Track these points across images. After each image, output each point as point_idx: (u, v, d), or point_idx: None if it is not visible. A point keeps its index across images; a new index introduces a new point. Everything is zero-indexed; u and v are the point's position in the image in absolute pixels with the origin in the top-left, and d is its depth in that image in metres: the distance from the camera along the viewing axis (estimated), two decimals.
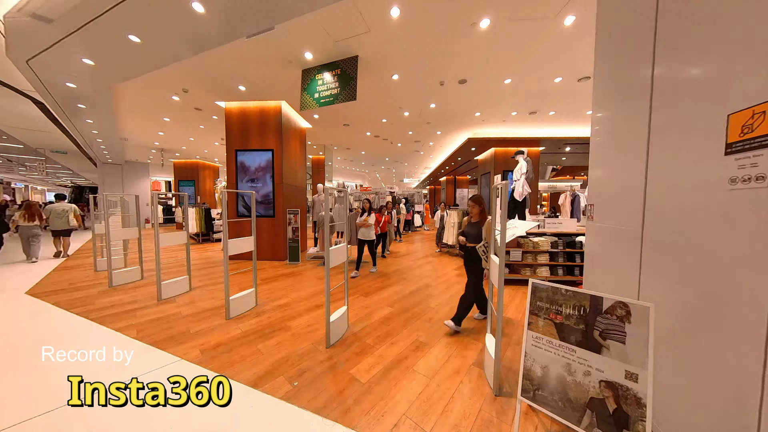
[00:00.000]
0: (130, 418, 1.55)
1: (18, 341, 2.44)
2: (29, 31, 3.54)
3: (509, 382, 1.93)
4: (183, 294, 3.67)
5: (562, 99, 5.46)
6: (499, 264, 1.72)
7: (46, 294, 3.66)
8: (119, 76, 4.59)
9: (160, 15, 3.09)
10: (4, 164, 15.05)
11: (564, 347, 1.44)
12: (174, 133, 8.44)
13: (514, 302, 3.53)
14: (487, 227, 2.47)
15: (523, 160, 5.13)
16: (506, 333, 2.68)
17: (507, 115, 6.48)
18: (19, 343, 2.41)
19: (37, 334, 2.56)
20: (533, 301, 1.59)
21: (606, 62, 1.81)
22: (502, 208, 1.70)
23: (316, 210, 6.87)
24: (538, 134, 7.89)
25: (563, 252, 4.28)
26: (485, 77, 4.56)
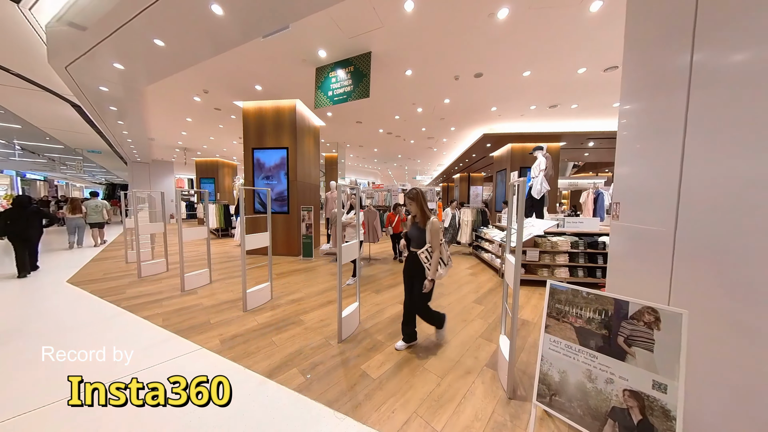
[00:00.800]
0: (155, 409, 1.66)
1: (61, 325, 2.67)
2: (67, 39, 3.81)
3: (524, 386, 1.87)
4: (204, 286, 3.86)
5: (586, 91, 5.16)
6: (515, 263, 1.66)
7: (84, 283, 3.98)
8: (146, 79, 4.84)
9: (182, 19, 3.21)
10: (48, 163, 16.45)
11: (584, 352, 1.38)
12: (196, 133, 8.83)
13: (530, 303, 3.41)
14: (433, 229, 2.06)
15: (541, 156, 4.91)
16: (521, 335, 2.60)
17: (525, 109, 6.22)
18: (61, 325, 2.64)
19: (75, 320, 2.79)
20: (551, 303, 1.53)
21: (637, 49, 1.68)
22: (519, 205, 1.64)
23: (328, 207, 6.96)
24: (559, 129, 7.52)
25: (584, 253, 4.08)
26: (502, 70, 4.39)
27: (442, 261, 2.11)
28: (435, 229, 2.06)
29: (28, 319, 2.81)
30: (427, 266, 2.05)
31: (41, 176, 21.10)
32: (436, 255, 2.04)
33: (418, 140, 9.37)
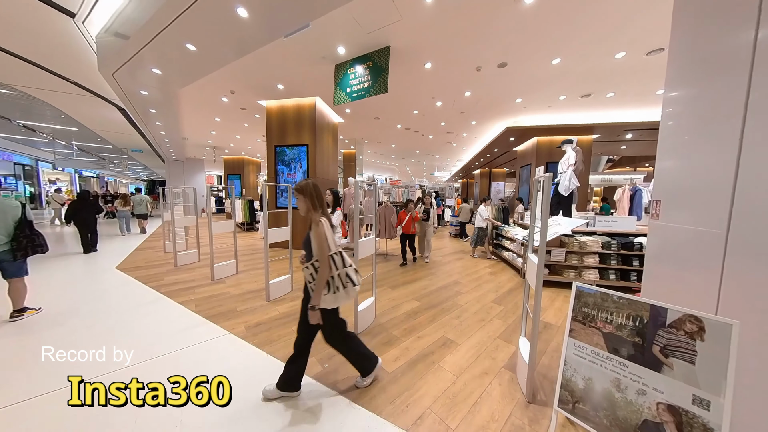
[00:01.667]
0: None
1: (114, 307, 3.01)
2: (113, 48, 4.19)
3: (544, 390, 1.80)
4: (231, 276, 4.12)
5: (625, 78, 4.71)
6: (538, 263, 1.58)
7: (130, 269, 4.42)
8: (180, 82, 5.19)
9: (210, 23, 3.39)
10: (99, 162, 18.38)
11: (613, 360, 1.29)
12: (224, 132, 9.35)
13: (554, 306, 3.25)
14: (317, 236, 1.48)
15: (571, 149, 4.59)
16: (543, 338, 2.48)
17: (554, 100, 5.82)
18: (115, 307, 2.97)
19: (126, 303, 3.13)
20: (577, 306, 1.44)
21: (687, 28, 1.50)
22: (544, 203, 1.55)
23: (346, 203, 7.07)
24: (592, 120, 6.96)
25: (617, 254, 3.78)
26: (529, 59, 4.13)
27: (333, 282, 1.50)
28: (320, 236, 1.46)
29: (85, 300, 3.19)
30: (311, 287, 1.51)
31: (94, 173, 23.68)
32: (323, 272, 1.45)
33: (437, 135, 9.16)
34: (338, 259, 1.54)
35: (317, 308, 1.49)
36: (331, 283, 1.51)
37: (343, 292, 1.54)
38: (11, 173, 15.30)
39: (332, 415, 1.56)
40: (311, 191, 1.57)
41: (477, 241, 5.78)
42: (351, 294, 1.58)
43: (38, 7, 3.56)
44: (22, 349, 2.16)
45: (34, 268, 3.01)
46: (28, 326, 2.50)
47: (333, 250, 1.51)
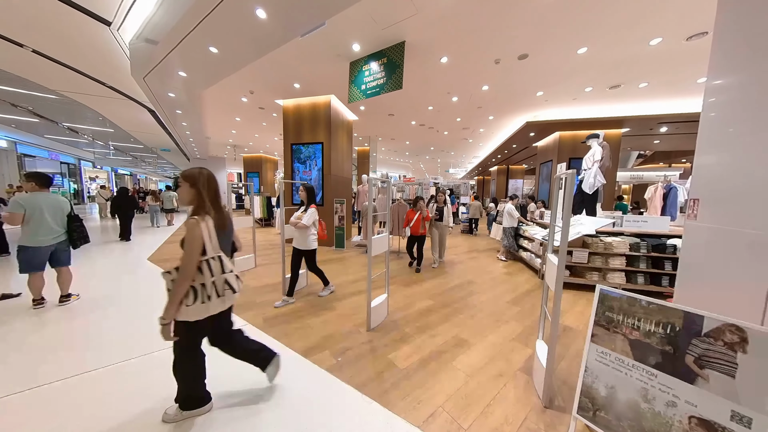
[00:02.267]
0: None
1: (147, 295, 3.25)
2: (144, 53, 4.46)
3: (562, 396, 1.73)
4: (250, 269, 4.31)
5: (660, 66, 4.34)
6: (558, 264, 1.51)
7: (159, 261, 4.74)
8: (203, 83, 5.44)
9: (231, 25, 3.51)
10: (132, 160, 19.78)
11: (640, 369, 1.22)
12: (243, 131, 9.72)
13: (575, 309, 3.10)
14: (193, 238, 1.26)
15: (597, 145, 4.32)
16: (562, 342, 2.39)
17: (579, 92, 5.50)
18: (144, 297, 3.21)
19: (157, 291, 3.37)
20: (600, 310, 1.37)
21: (735, 7, 1.36)
22: (566, 201, 1.48)
23: (360, 200, 7.12)
24: (621, 113, 6.50)
25: (647, 257, 3.53)
26: (552, 49, 3.91)
27: (205, 291, 1.29)
28: (194, 238, 1.25)
29: (121, 289, 3.47)
30: (169, 294, 1.27)
31: (128, 171, 25.55)
32: (181, 280, 1.24)
33: (453, 131, 8.97)
34: (216, 264, 1.32)
35: (168, 321, 1.26)
36: (201, 291, 1.29)
37: (218, 300, 1.34)
38: (58, 171, 16.87)
39: (345, 407, 1.60)
40: (204, 182, 1.35)
41: (507, 242, 5.32)
42: (228, 301, 1.39)
43: (80, 18, 3.86)
44: (78, 328, 2.42)
45: (75, 258, 3.29)
46: (75, 310, 2.77)
47: (210, 254, 1.30)
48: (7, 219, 2.52)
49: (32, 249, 2.60)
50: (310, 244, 2.97)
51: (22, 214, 2.51)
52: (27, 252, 2.60)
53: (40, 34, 4.25)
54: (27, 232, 2.59)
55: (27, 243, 2.59)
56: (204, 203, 1.34)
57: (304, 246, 2.96)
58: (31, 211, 2.55)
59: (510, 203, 5.50)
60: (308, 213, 2.90)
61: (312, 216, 2.92)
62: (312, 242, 2.99)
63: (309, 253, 3.02)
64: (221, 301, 1.37)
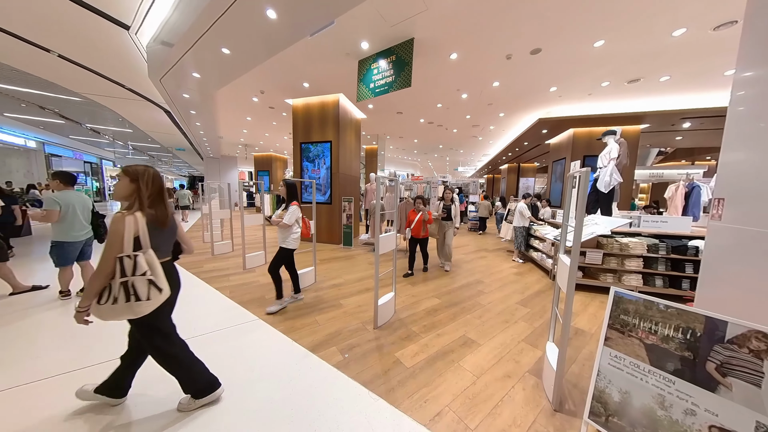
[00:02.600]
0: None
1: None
2: (160, 55, 4.61)
3: (573, 400, 1.69)
4: (260, 266, 4.41)
5: (684, 58, 4.12)
6: (570, 265, 1.47)
7: None
8: (216, 84, 5.58)
9: (243, 26, 3.57)
10: (150, 160, 20.56)
11: (657, 374, 1.17)
12: (254, 130, 9.91)
13: (587, 311, 3.02)
14: (114, 232, 1.20)
15: (613, 142, 4.16)
16: (574, 345, 2.33)
17: (594, 87, 5.30)
18: None
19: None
20: (615, 313, 1.33)
21: None
22: (580, 200, 1.43)
23: (368, 198, 7.15)
24: (640, 108, 6.22)
25: (665, 258, 3.39)
26: (567, 42, 3.78)
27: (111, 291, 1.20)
28: (115, 232, 1.19)
29: None
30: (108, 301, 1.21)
31: None
32: (96, 274, 1.19)
33: (462, 129, 8.84)
34: (129, 263, 1.20)
35: (82, 311, 1.22)
36: (106, 291, 1.20)
37: (124, 305, 1.20)
38: (82, 170, 17.73)
39: (352, 403, 1.62)
40: (148, 179, 1.32)
41: (519, 243, 5.19)
42: (136, 309, 1.22)
43: (101, 23, 4.02)
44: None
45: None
46: None
47: (127, 251, 1.20)
48: (46, 216, 2.63)
49: (68, 244, 2.74)
50: (289, 243, 2.79)
51: (59, 210, 2.64)
52: (63, 247, 2.73)
53: (65, 39, 4.46)
54: (63, 228, 2.70)
55: (64, 238, 2.72)
56: (141, 200, 1.29)
57: (284, 244, 2.80)
58: (66, 208, 2.68)
59: (522, 202, 5.37)
60: (289, 211, 2.73)
61: (293, 214, 2.74)
62: (292, 241, 2.80)
63: (287, 251, 2.83)
64: (129, 308, 1.21)
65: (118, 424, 1.43)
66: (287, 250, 2.82)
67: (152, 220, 1.31)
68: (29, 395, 1.60)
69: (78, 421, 1.43)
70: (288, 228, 2.77)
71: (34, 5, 3.65)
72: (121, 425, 1.43)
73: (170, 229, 1.45)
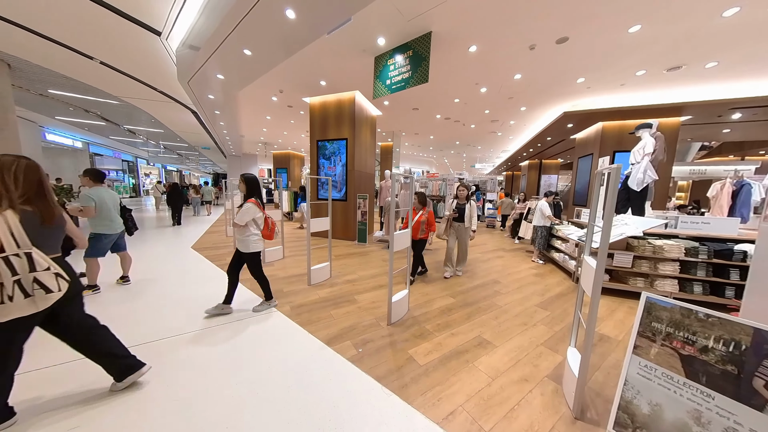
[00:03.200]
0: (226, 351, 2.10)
1: (193, 279, 3.62)
2: (188, 59, 4.86)
3: (596, 409, 1.61)
4: (278, 260, 4.57)
5: (735, 41, 3.70)
6: (596, 268, 1.39)
7: (201, 249, 5.24)
8: (238, 84, 5.81)
9: (263, 28, 3.68)
10: (178, 158, 21.89)
11: (693, 388, 1.09)
12: (273, 129, 10.23)
13: (614, 317, 2.84)
14: None
15: (648, 136, 3.83)
16: (598, 351, 2.21)
17: (628, 76, 4.90)
18: (195, 279, 3.58)
19: (199, 276, 3.74)
20: (646, 320, 1.24)
21: None
22: (609, 199, 1.34)
23: (382, 195, 7.16)
24: (681, 98, 5.69)
25: (706, 263, 3.10)
26: (597, 29, 3.52)
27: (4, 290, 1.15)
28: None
29: (170, 273, 3.90)
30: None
31: (175, 168, 28.37)
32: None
33: (480, 124, 8.56)
34: (19, 262, 1.16)
35: None
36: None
37: (25, 302, 1.19)
38: (120, 168, 19.24)
39: (365, 396, 1.65)
40: (15, 172, 1.21)
41: (539, 243, 4.98)
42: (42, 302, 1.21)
43: (137, 31, 4.32)
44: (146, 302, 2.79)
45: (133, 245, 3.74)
46: (136, 289, 3.18)
47: (10, 251, 1.15)
48: (83, 212, 2.86)
49: (105, 236, 2.99)
50: (248, 246, 2.46)
51: (94, 206, 2.88)
52: (100, 239, 2.97)
53: (106, 47, 4.84)
54: (101, 221, 2.95)
55: (103, 231, 2.97)
56: (9, 195, 1.19)
57: (243, 248, 2.47)
58: (100, 203, 2.92)
59: (543, 200, 5.13)
60: (243, 209, 2.40)
61: (247, 213, 2.40)
62: (252, 244, 2.47)
63: (247, 256, 2.51)
64: (31, 302, 1.21)
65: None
66: (249, 255, 2.51)
67: (31, 217, 1.24)
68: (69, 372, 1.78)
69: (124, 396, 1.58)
70: (243, 229, 2.45)
71: (81, 16, 3.98)
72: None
73: (57, 226, 1.38)
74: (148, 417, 1.45)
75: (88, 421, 1.41)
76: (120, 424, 1.41)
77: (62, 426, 1.38)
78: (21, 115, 8.80)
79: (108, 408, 1.49)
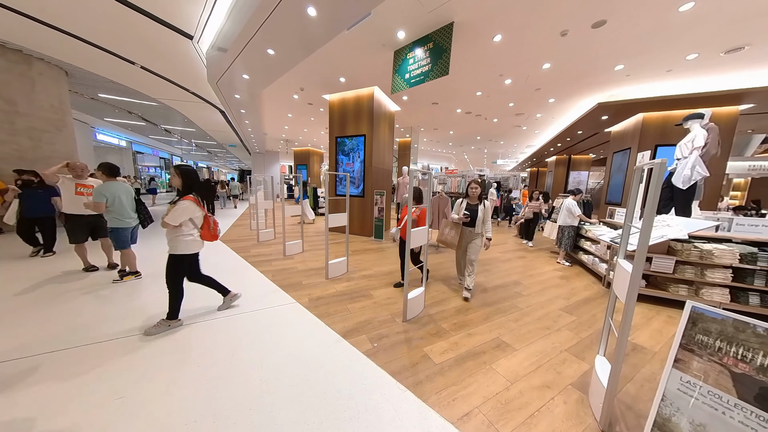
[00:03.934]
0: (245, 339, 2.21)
1: (220, 268, 3.86)
2: (216, 61, 5.11)
3: (626, 423, 1.50)
4: (298, 254, 4.74)
5: None
6: (633, 272, 1.28)
7: (228, 241, 5.56)
8: (262, 84, 6.02)
9: (285, 27, 3.76)
10: (208, 155, 23.33)
11: (747, 410, 0.97)
12: (294, 126, 10.53)
13: (650, 326, 2.62)
14: None
15: (699, 128, 3.43)
16: (630, 362, 2.05)
17: (677, 61, 4.40)
18: (223, 269, 3.82)
19: (226, 266, 3.98)
20: (691, 332, 1.13)
21: None
22: (652, 197, 1.22)
23: (399, 192, 7.12)
24: (741, 84, 5.00)
25: (766, 272, 2.74)
26: (640, 9, 3.18)
27: None
28: None
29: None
30: None
31: (205, 164, 30.30)
32: None
33: (504, 118, 8.17)
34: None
35: None
36: None
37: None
38: (158, 165, 20.90)
39: (381, 391, 1.67)
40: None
41: (566, 244, 4.72)
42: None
43: (171, 36, 4.61)
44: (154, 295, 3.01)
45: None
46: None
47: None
48: (95, 207, 2.91)
49: (122, 229, 3.11)
50: (176, 247, 2.09)
51: (105, 202, 2.92)
52: (119, 232, 3.10)
53: (145, 52, 5.23)
54: (115, 216, 3.01)
55: (118, 225, 3.05)
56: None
57: (170, 248, 2.11)
58: (112, 199, 2.96)
59: (571, 198, 4.81)
60: (177, 207, 2.03)
61: (182, 213, 2.04)
62: (183, 245, 2.09)
63: (171, 258, 2.12)
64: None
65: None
66: (175, 257, 2.12)
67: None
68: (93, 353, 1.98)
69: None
70: (175, 229, 2.07)
71: (124, 26, 4.33)
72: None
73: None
74: (181, 394, 1.58)
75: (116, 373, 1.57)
76: (153, 392, 1.54)
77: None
78: (75, 117, 9.84)
79: (144, 377, 1.65)
